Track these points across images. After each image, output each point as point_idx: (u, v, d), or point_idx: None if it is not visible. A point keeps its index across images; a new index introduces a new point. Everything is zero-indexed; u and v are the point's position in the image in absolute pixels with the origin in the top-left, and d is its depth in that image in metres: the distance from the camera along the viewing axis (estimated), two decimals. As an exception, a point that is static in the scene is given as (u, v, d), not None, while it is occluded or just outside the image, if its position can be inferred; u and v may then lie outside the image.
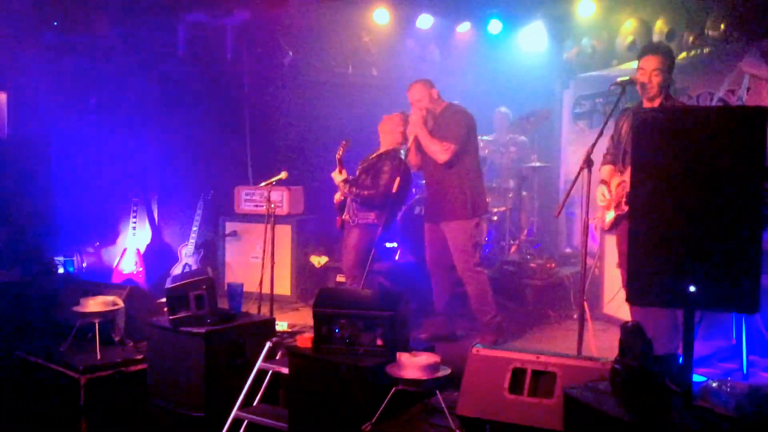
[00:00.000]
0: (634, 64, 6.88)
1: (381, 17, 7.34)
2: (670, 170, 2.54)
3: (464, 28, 7.72)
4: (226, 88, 7.38)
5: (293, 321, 5.94)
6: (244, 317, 4.86)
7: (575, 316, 6.11)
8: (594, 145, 4.17)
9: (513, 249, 6.71)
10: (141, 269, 6.79)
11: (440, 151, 4.98)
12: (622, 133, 4.43)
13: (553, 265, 6.24)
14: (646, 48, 4.43)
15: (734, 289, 2.46)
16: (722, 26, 5.88)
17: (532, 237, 6.90)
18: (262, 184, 5.52)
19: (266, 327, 4.82)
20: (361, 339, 3.86)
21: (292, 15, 7.00)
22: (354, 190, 5.32)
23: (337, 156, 5.40)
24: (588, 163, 4.08)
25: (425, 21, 7.53)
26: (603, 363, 3.29)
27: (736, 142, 2.42)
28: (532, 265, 6.11)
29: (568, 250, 7.03)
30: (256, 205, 7.05)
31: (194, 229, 6.96)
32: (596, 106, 7.10)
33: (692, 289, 2.50)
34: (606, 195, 4.40)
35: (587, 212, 4.17)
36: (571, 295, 6.24)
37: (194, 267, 6.89)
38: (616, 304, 5.60)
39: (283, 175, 5.45)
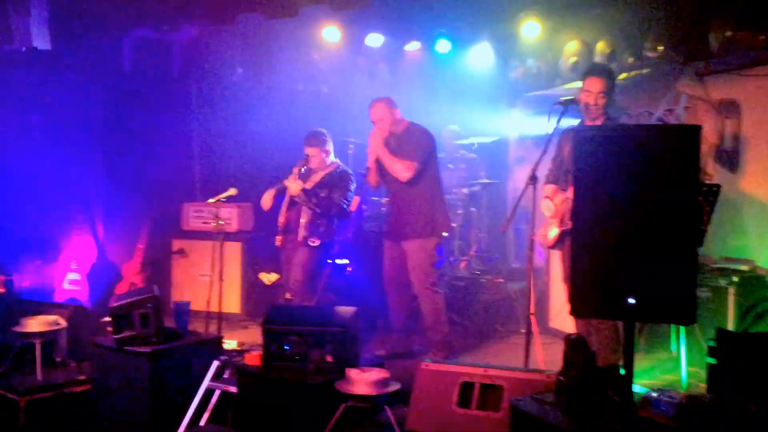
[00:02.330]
0: (577, 84, 7.14)
1: (331, 35, 7.37)
2: (610, 186, 2.63)
3: (413, 47, 7.81)
4: (173, 103, 7.31)
5: (242, 339, 5.88)
6: (190, 336, 4.78)
7: (522, 330, 6.21)
8: (538, 162, 4.29)
9: (462, 265, 6.79)
10: (84, 288, 6.64)
11: (402, 170, 5.03)
12: (565, 155, 4.54)
13: (501, 280, 6.34)
14: (591, 69, 4.55)
15: (672, 301, 2.55)
16: (660, 48, 6.09)
17: (481, 253, 6.99)
18: (211, 200, 5.48)
19: (213, 345, 4.76)
20: (311, 355, 3.86)
21: (241, 31, 6.98)
22: (315, 201, 5.34)
23: (297, 170, 5.42)
24: (533, 179, 4.18)
25: (375, 39, 7.60)
26: (548, 375, 3.37)
27: (672, 158, 2.52)
28: (482, 280, 6.19)
29: (516, 265, 7.15)
30: (205, 222, 6.98)
31: (140, 246, 6.85)
32: (544, 124, 7.23)
33: (632, 301, 2.58)
34: (551, 206, 4.51)
35: (533, 228, 4.28)
36: (518, 310, 6.34)
37: (140, 285, 6.78)
38: (563, 318, 5.72)
39: (232, 191, 5.43)
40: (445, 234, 5.24)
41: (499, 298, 6.28)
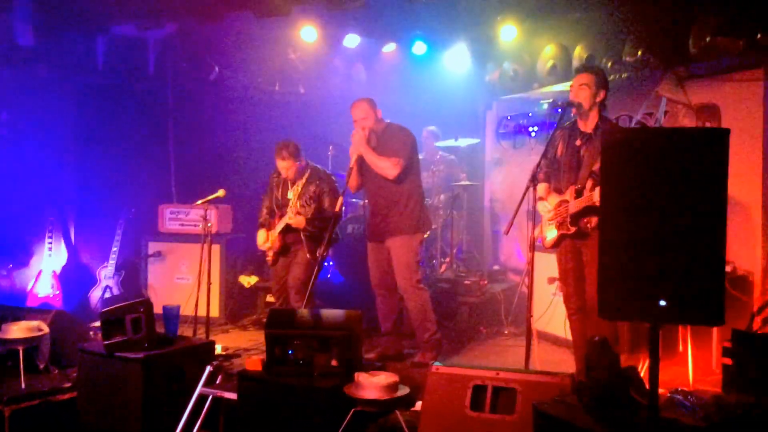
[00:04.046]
0: (554, 88, 7.22)
1: (308, 35, 7.26)
2: (638, 188, 2.62)
3: (390, 48, 7.77)
4: (149, 102, 7.12)
5: (225, 343, 5.77)
6: (182, 341, 4.68)
7: (506, 332, 6.25)
8: (539, 164, 4.28)
9: (444, 267, 6.77)
10: (58, 292, 6.41)
11: (390, 167, 4.98)
12: (558, 153, 4.55)
13: (485, 282, 6.34)
14: (577, 68, 4.60)
15: (701, 302, 2.56)
16: (639, 53, 6.17)
17: (461, 254, 6.99)
18: (199, 202, 5.35)
19: (206, 350, 4.66)
20: (316, 360, 3.78)
21: (218, 30, 6.83)
22: (317, 225, 5.26)
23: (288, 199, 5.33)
24: (534, 180, 4.17)
25: (352, 40, 7.53)
26: (562, 377, 3.36)
27: (701, 161, 2.54)
28: (466, 282, 6.18)
29: (495, 267, 7.17)
30: (182, 224, 6.83)
31: (114, 249, 6.65)
32: (520, 127, 7.29)
33: (663, 303, 2.58)
34: (548, 207, 4.51)
35: (533, 229, 4.27)
36: (502, 312, 6.36)
37: (115, 289, 6.58)
38: (545, 319, 5.75)
39: (220, 193, 5.31)
40: (427, 233, 5.22)
41: (482, 300, 6.27)
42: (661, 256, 2.60)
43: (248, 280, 6.72)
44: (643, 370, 3.57)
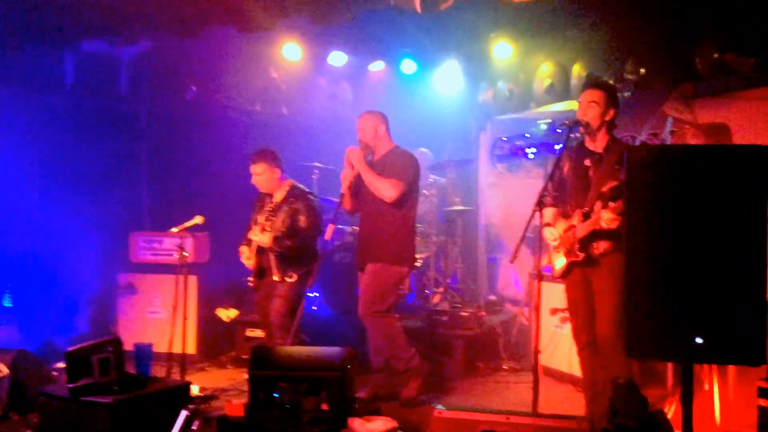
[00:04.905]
0: (552, 107, 7.11)
1: (291, 53, 7.12)
2: (670, 213, 2.45)
3: (377, 66, 7.64)
4: (121, 124, 6.89)
5: (201, 383, 5.51)
6: (155, 383, 4.43)
7: (505, 367, 6.04)
8: (545, 187, 4.11)
9: (437, 298, 6.56)
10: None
11: (388, 188, 4.80)
12: (565, 174, 4.39)
13: (483, 313, 6.15)
14: (585, 83, 4.49)
15: (740, 340, 2.38)
16: (642, 71, 6.08)
17: (455, 284, 6.79)
18: (174, 229, 5.12)
19: (181, 393, 4.42)
20: (305, 404, 3.55)
21: (196, 46, 6.66)
22: (286, 243, 5.10)
23: (259, 216, 5.18)
24: (540, 205, 4.01)
25: (338, 58, 7.39)
26: (578, 422, 3.15)
27: (741, 182, 2.37)
28: (462, 314, 5.98)
29: (492, 297, 6.97)
30: (156, 254, 6.59)
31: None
32: (516, 148, 7.15)
33: (699, 341, 2.39)
34: (555, 234, 4.33)
35: (539, 257, 4.09)
36: (500, 346, 6.16)
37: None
38: (547, 354, 5.55)
39: (197, 219, 5.10)
40: (409, 269, 5.10)
41: (480, 333, 6.07)
42: (696, 288, 2.43)
43: (227, 314, 6.47)
44: (669, 412, 3.38)
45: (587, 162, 4.25)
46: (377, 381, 5.02)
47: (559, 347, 5.45)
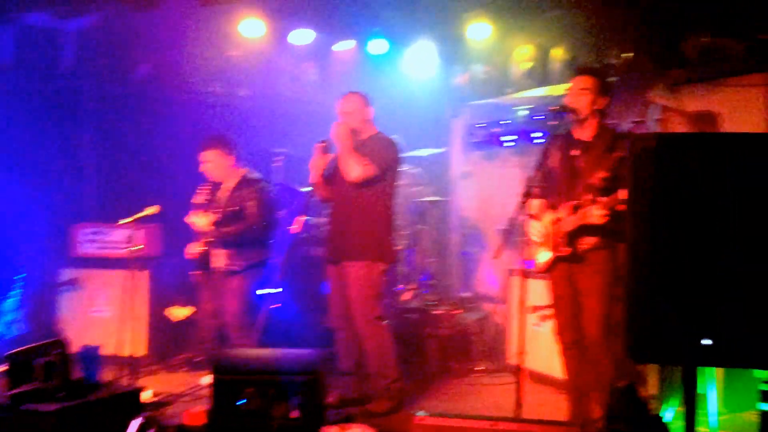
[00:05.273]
0: (531, 92, 7.09)
1: (253, 29, 6.96)
2: (678, 206, 2.41)
3: (344, 46, 7.52)
4: (63, 104, 6.71)
5: (155, 388, 5.37)
6: (103, 388, 4.30)
7: (480, 368, 6.02)
8: (533, 177, 4.08)
9: (409, 294, 6.51)
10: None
11: (355, 166, 4.75)
12: (551, 163, 4.37)
13: (458, 311, 6.12)
14: (576, 69, 4.49)
15: (753, 342, 2.36)
16: (627, 55, 6.08)
17: (427, 280, 6.74)
18: (127, 219, 5.01)
19: (131, 399, 4.31)
20: (274, 411, 3.46)
21: (148, 21, 6.48)
22: (225, 230, 5.03)
23: (197, 201, 5.10)
24: (527, 196, 3.98)
25: (302, 36, 7.25)
26: (568, 428, 3.13)
27: (758, 173, 2.33)
28: (436, 312, 5.94)
29: (466, 293, 6.94)
30: (101, 247, 6.43)
31: (18, 278, 6.19)
32: (493, 136, 7.12)
33: (707, 342, 2.36)
34: (540, 230, 4.31)
35: (523, 252, 4.06)
36: (475, 345, 6.13)
37: (20, 325, 6.12)
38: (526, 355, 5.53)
39: (152, 209, 4.96)
40: (390, 263, 5.04)
41: (454, 332, 6.04)
42: (704, 287, 2.39)
43: (178, 313, 6.33)
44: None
45: (575, 151, 4.24)
46: (347, 384, 4.95)
47: (538, 347, 5.44)
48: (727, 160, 2.39)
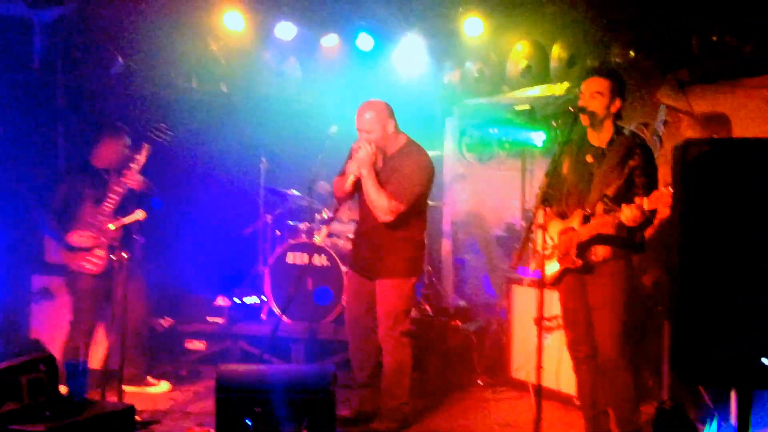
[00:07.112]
0: (528, 91, 7.10)
1: (233, 22, 6.90)
2: (733, 215, 2.41)
3: (330, 41, 7.49)
4: (33, 100, 6.55)
5: (138, 405, 5.26)
6: (92, 406, 4.20)
7: (480, 383, 6.00)
8: (547, 184, 4.06)
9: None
10: None
11: (384, 210, 4.65)
12: (564, 170, 4.36)
13: (459, 322, 6.11)
14: (588, 70, 4.49)
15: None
16: (631, 53, 6.11)
17: (422, 289, 6.71)
18: (111, 226, 4.89)
19: (124, 418, 4.23)
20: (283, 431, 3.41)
21: (124, 12, 6.39)
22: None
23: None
24: (545, 203, 3.97)
25: (285, 30, 7.20)
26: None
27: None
28: (436, 323, 5.92)
29: (461, 302, 6.93)
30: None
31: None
32: (489, 137, 7.13)
33: (767, 361, 2.36)
34: (548, 242, 4.30)
35: (543, 264, 4.05)
36: (474, 358, 6.12)
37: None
38: (531, 367, 5.53)
39: (139, 215, 4.87)
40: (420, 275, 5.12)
41: (455, 344, 6.02)
42: (761, 303, 2.38)
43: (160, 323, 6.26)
44: None
45: (589, 158, 4.24)
46: (362, 397, 4.94)
47: (544, 361, 5.44)
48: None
